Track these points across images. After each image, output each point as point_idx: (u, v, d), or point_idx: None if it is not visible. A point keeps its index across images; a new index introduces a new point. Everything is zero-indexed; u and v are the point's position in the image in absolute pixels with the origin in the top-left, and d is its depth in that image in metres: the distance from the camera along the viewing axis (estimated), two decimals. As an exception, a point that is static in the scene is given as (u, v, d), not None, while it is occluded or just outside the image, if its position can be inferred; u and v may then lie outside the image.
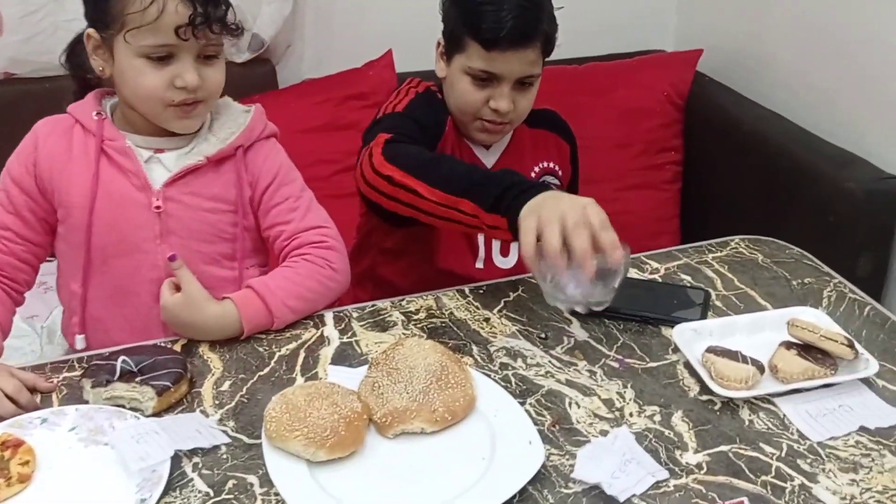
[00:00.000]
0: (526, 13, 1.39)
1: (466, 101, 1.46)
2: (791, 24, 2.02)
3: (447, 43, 1.48)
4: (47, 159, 1.27)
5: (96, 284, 1.31)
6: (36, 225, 1.30)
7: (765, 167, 1.95)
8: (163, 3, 1.17)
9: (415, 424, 1.06)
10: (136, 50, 1.20)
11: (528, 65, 1.43)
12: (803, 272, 1.41)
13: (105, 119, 1.28)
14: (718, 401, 1.12)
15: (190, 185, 1.29)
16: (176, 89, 1.22)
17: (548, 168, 1.61)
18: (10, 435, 1.04)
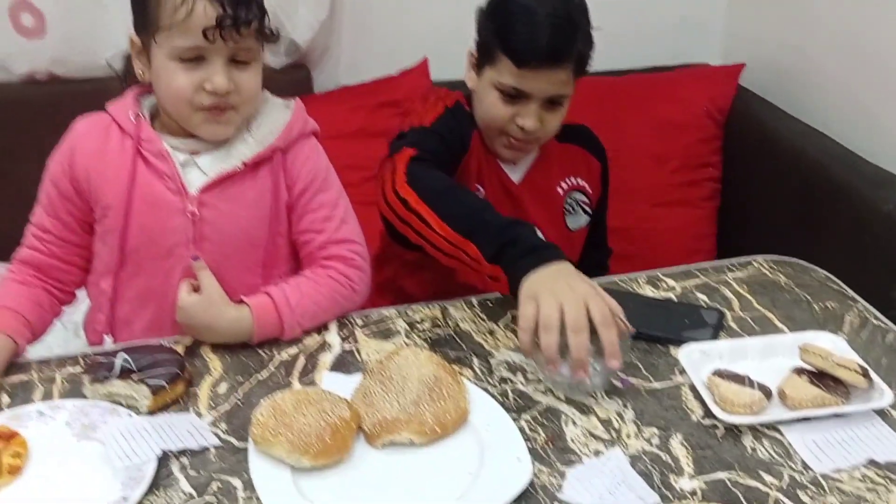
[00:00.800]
0: (560, 32, 1.36)
1: (493, 115, 1.43)
2: (836, 40, 1.95)
3: (479, 54, 1.46)
4: (84, 159, 1.28)
5: (126, 285, 1.31)
6: (75, 226, 1.31)
7: (802, 185, 1.88)
8: (192, 4, 1.17)
9: (403, 435, 1.05)
10: (168, 52, 1.20)
11: (558, 84, 1.40)
12: (826, 296, 1.35)
13: (142, 121, 1.28)
14: (721, 426, 1.09)
15: (226, 190, 1.28)
16: (205, 93, 1.21)
17: (576, 185, 1.58)
18: (5, 427, 1.05)
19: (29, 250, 1.31)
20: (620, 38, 2.36)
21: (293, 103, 1.35)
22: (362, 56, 2.21)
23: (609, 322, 1.07)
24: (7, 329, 1.22)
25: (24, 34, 1.94)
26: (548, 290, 1.09)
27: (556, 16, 1.36)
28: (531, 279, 1.12)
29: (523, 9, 1.37)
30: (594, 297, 1.09)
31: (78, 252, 1.33)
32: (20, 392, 1.15)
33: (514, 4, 1.39)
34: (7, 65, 1.98)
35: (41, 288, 1.31)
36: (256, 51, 1.24)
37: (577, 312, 1.06)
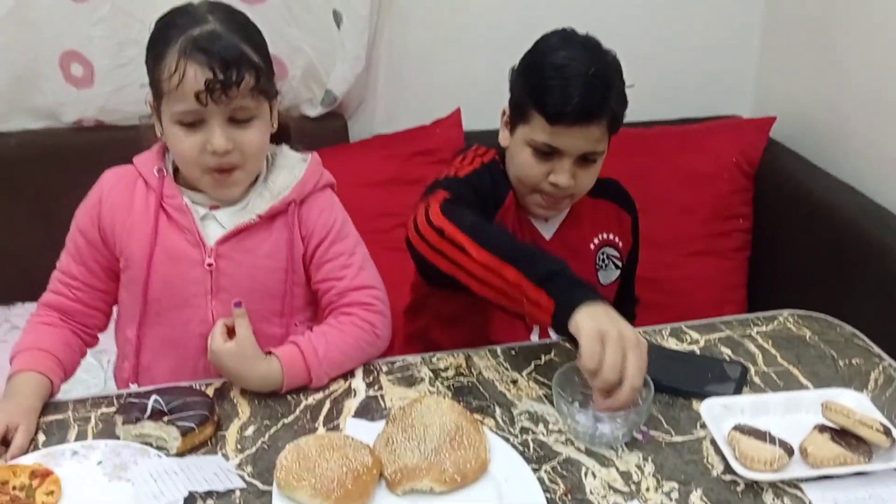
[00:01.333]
0: (593, 90, 1.36)
1: (526, 173, 1.44)
2: (867, 95, 1.96)
3: (512, 112, 1.47)
4: (110, 211, 1.33)
5: (149, 334, 1.35)
6: (101, 274, 1.36)
7: (833, 239, 1.88)
8: (183, 70, 1.19)
9: (424, 483, 1.06)
10: (170, 116, 1.24)
11: (592, 142, 1.40)
12: (852, 352, 1.35)
13: (165, 176, 1.32)
14: (742, 482, 1.09)
15: (242, 242, 1.32)
16: (208, 154, 1.24)
17: (607, 240, 1.58)
18: (40, 465, 1.09)
19: (55, 295, 1.36)
20: (652, 90, 2.38)
21: (310, 157, 1.38)
22: (397, 106, 2.27)
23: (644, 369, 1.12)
24: (44, 369, 1.26)
25: (74, 83, 2.02)
26: (614, 335, 1.10)
27: (589, 74, 1.36)
28: (587, 313, 1.13)
29: (556, 67, 1.38)
30: (645, 355, 1.12)
31: (102, 298, 1.37)
32: (56, 431, 1.19)
33: (547, 63, 1.40)
34: (58, 113, 2.07)
35: (69, 329, 1.35)
36: (256, 108, 1.26)
37: (639, 367, 1.10)
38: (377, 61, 2.21)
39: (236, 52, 1.22)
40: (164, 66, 1.21)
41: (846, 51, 2.03)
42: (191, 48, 1.20)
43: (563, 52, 1.40)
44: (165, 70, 1.21)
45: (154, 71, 1.24)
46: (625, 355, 1.10)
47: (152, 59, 1.25)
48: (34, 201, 2.07)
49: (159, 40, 1.24)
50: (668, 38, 2.33)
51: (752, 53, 2.39)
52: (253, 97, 1.24)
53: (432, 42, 2.23)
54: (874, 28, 1.93)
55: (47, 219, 2.04)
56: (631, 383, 1.10)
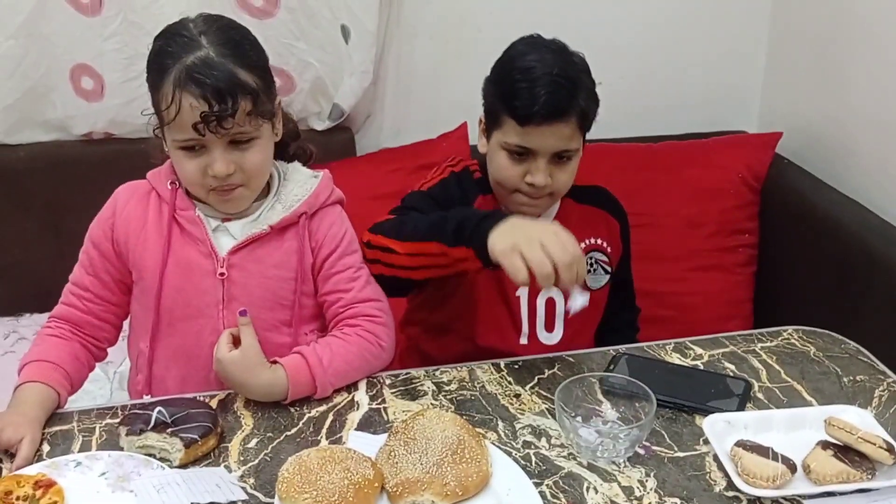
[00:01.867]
0: (560, 89, 1.40)
1: (504, 175, 1.47)
2: (873, 111, 1.96)
3: (486, 119, 1.52)
4: (124, 224, 1.35)
5: (162, 345, 1.36)
6: (113, 286, 1.37)
7: (839, 255, 1.87)
8: (178, 104, 1.21)
9: (425, 496, 1.06)
10: (171, 142, 1.27)
11: (563, 140, 1.43)
12: (856, 369, 1.35)
13: (178, 189, 1.34)
14: (744, 498, 1.08)
15: (254, 252, 1.34)
16: (209, 177, 1.27)
17: (595, 245, 1.60)
18: (44, 475, 1.10)
19: (67, 307, 1.37)
20: (659, 105, 2.40)
21: (321, 174, 1.41)
22: (404, 120, 2.28)
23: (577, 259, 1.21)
24: (52, 382, 1.27)
25: (84, 97, 2.04)
26: (523, 238, 1.21)
27: (555, 74, 1.40)
28: (494, 238, 1.24)
29: (523, 70, 1.42)
30: (561, 230, 1.23)
31: (114, 311, 1.39)
32: (60, 441, 1.20)
33: (515, 68, 1.44)
34: (68, 126, 2.08)
35: (78, 342, 1.36)
36: (255, 130, 1.27)
37: (560, 249, 1.20)
38: (385, 75, 2.22)
39: (230, 80, 1.22)
40: (160, 97, 1.23)
41: (852, 67, 2.03)
42: (185, 79, 1.21)
43: (530, 56, 1.44)
44: (163, 101, 1.23)
45: (154, 97, 1.27)
46: (543, 246, 1.19)
47: (150, 86, 1.27)
48: (43, 213, 2.08)
49: (154, 67, 1.26)
50: (675, 54, 2.34)
51: (758, 69, 2.39)
52: (250, 122, 1.25)
53: (439, 56, 2.24)
54: (879, 45, 1.93)
55: (56, 230, 2.06)
56: (559, 263, 1.19)
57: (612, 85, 2.29)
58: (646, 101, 2.35)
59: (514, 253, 1.20)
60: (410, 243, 1.33)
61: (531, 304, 1.54)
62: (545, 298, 1.54)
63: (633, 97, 2.34)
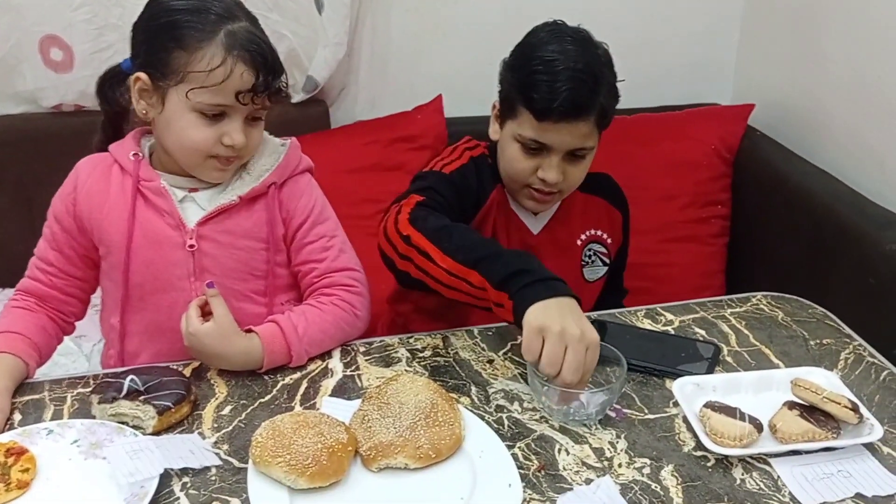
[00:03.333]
0: (581, 85, 1.34)
1: (515, 168, 1.43)
2: (845, 83, 1.98)
3: (501, 106, 1.45)
4: (86, 198, 1.33)
5: (133, 320, 1.36)
6: (78, 261, 1.36)
7: (810, 225, 1.90)
8: (230, 68, 1.21)
9: (399, 459, 1.07)
10: (190, 104, 1.24)
11: (580, 138, 1.38)
12: (823, 332, 1.37)
13: (142, 160, 1.32)
14: (713, 458, 1.10)
15: (223, 223, 1.33)
16: (223, 146, 1.26)
17: (595, 236, 1.58)
18: (15, 443, 1.09)
19: (32, 281, 1.36)
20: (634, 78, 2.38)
21: (288, 142, 1.39)
22: (378, 93, 2.28)
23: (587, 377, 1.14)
24: (18, 352, 1.26)
25: (53, 68, 2.02)
26: (556, 330, 1.11)
27: (577, 69, 1.34)
28: (537, 310, 1.13)
29: (545, 62, 1.36)
30: (594, 348, 1.13)
31: (79, 285, 1.37)
32: (32, 410, 1.19)
33: (536, 58, 1.38)
34: (37, 97, 2.06)
35: (44, 314, 1.35)
36: (269, 109, 1.30)
37: (578, 361, 1.11)
38: (359, 47, 2.21)
39: (274, 55, 1.26)
40: (202, 57, 1.21)
41: (825, 40, 2.04)
42: (237, 47, 1.21)
43: (552, 47, 1.38)
44: (205, 61, 1.21)
45: (175, 56, 1.22)
46: (565, 350, 1.10)
47: (175, 44, 1.22)
48: (14, 187, 2.06)
49: (187, 26, 1.22)
50: (650, 27, 2.34)
51: (733, 42, 2.41)
52: (273, 100, 1.28)
53: (414, 28, 2.24)
54: (853, 17, 1.95)
55: (27, 204, 2.04)
56: (563, 378, 1.11)
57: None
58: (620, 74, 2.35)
59: (538, 336, 1.12)
60: (453, 262, 1.22)
61: None
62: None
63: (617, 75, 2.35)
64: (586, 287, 1.59)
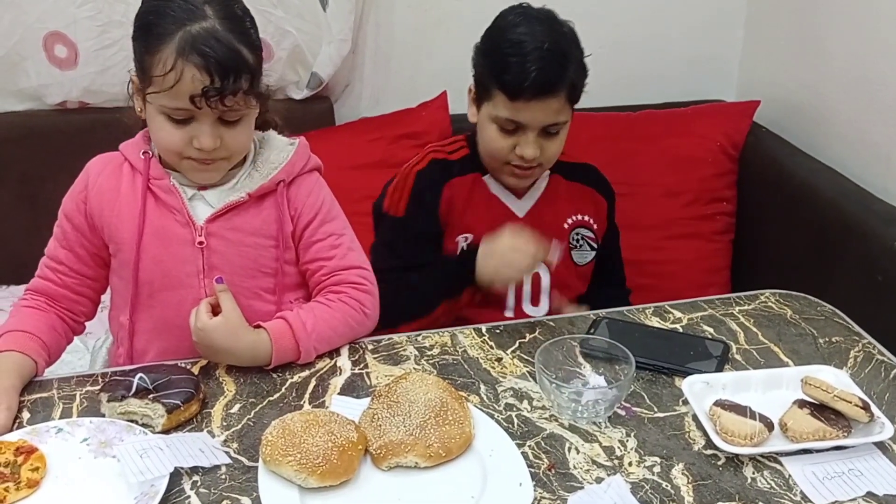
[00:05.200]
0: (550, 64, 1.40)
1: (494, 147, 1.49)
2: (850, 79, 1.98)
3: (476, 89, 1.52)
4: (97, 196, 1.32)
5: (143, 318, 1.35)
6: (88, 260, 1.35)
7: (815, 221, 1.90)
8: (180, 72, 1.18)
9: (409, 458, 1.07)
10: (157, 107, 1.24)
11: (552, 113, 1.44)
12: (832, 330, 1.37)
13: (151, 158, 1.32)
14: (723, 456, 1.10)
15: (232, 220, 1.32)
16: (192, 148, 1.25)
17: (581, 221, 1.61)
18: (25, 441, 1.09)
19: (42, 280, 1.35)
20: (638, 74, 2.41)
21: (297, 141, 1.39)
22: (383, 89, 2.27)
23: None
24: (27, 350, 1.26)
25: (58, 65, 2.01)
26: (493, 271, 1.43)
27: (545, 49, 1.41)
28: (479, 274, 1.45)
29: (513, 44, 1.43)
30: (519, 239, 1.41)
31: (90, 284, 1.37)
32: (41, 409, 1.19)
33: (505, 40, 1.45)
34: (41, 94, 2.05)
35: (55, 314, 1.35)
36: (245, 109, 1.26)
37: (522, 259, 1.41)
38: (363, 44, 2.20)
39: (234, 56, 1.21)
40: (157, 61, 1.20)
41: (830, 35, 2.04)
42: (189, 49, 1.19)
43: (520, 29, 1.44)
44: (159, 65, 1.20)
45: (144, 58, 1.22)
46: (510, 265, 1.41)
47: (143, 47, 1.23)
48: (18, 184, 2.06)
49: (153, 28, 1.21)
50: (654, 23, 2.34)
51: (737, 38, 2.40)
52: (245, 101, 1.24)
53: (419, 24, 2.23)
54: (858, 12, 1.94)
55: (31, 201, 2.04)
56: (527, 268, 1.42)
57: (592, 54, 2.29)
58: (625, 71, 2.35)
59: (497, 283, 1.44)
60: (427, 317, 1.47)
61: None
62: (531, 273, 1.55)
63: (613, 66, 2.33)
64: (576, 270, 1.63)
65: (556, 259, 1.48)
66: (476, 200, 1.56)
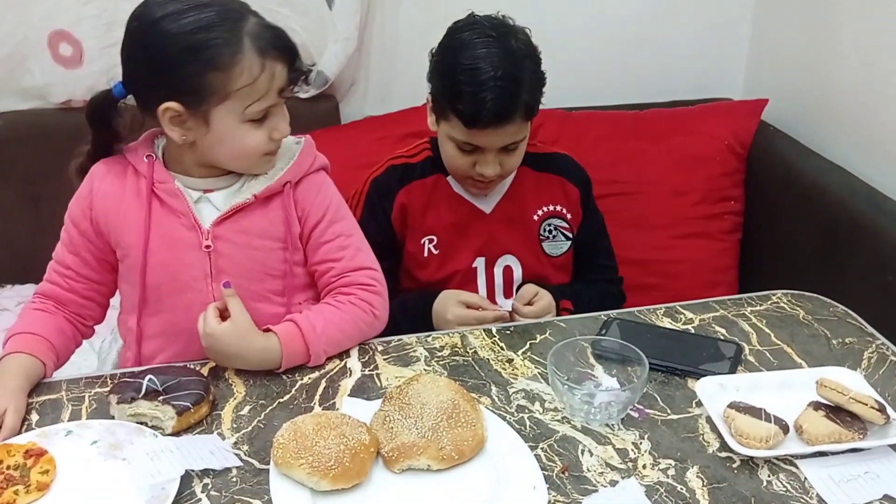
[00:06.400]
0: (504, 93, 1.38)
1: (454, 164, 1.50)
2: (859, 77, 1.97)
3: (434, 105, 1.50)
4: (102, 201, 1.31)
5: (150, 322, 1.34)
6: (95, 264, 1.34)
7: (825, 221, 1.88)
8: (271, 72, 1.21)
9: (421, 461, 1.06)
10: (239, 116, 1.23)
11: (510, 135, 1.44)
12: (845, 331, 1.36)
13: (155, 161, 1.30)
14: (738, 459, 1.09)
15: (239, 223, 1.31)
16: (272, 141, 1.27)
17: (553, 211, 1.60)
18: (34, 444, 1.09)
19: (50, 284, 1.34)
20: (645, 73, 2.39)
21: (303, 140, 1.38)
22: (388, 88, 2.26)
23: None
24: (35, 352, 1.25)
25: (63, 63, 2.00)
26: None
27: (499, 77, 1.38)
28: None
29: (467, 71, 1.40)
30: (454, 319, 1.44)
31: (97, 289, 1.36)
32: (49, 411, 1.18)
33: (458, 65, 1.42)
34: (45, 93, 2.04)
35: (63, 317, 1.34)
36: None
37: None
38: (369, 42, 2.19)
39: (293, 41, 1.26)
40: (241, 71, 1.19)
41: (838, 33, 2.03)
42: (266, 46, 1.21)
43: (473, 52, 1.41)
44: (245, 74, 1.20)
45: (213, 76, 1.19)
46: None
47: (207, 65, 1.18)
48: (22, 183, 2.04)
49: (215, 42, 1.18)
50: (661, 22, 2.33)
51: (745, 35, 2.39)
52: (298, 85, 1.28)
53: (424, 23, 2.21)
54: (867, 9, 1.93)
55: (35, 201, 2.03)
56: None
57: (599, 53, 2.30)
58: (632, 69, 2.34)
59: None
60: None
61: (489, 273, 1.58)
62: (502, 267, 1.58)
63: (620, 65, 2.34)
64: (549, 262, 1.62)
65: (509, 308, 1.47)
66: (438, 201, 1.56)
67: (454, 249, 1.56)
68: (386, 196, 1.57)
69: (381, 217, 1.56)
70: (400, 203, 1.56)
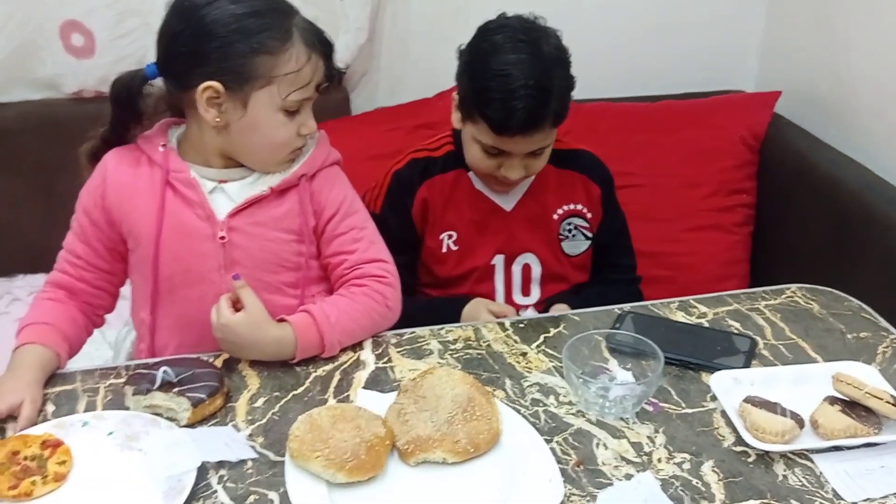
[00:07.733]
0: (534, 101, 1.36)
1: (478, 166, 1.49)
2: (872, 69, 1.95)
3: (461, 105, 1.48)
4: (115, 190, 1.31)
5: (163, 314, 1.34)
6: (106, 254, 1.34)
7: (837, 214, 1.87)
8: (315, 64, 1.25)
9: (437, 454, 1.06)
10: (278, 104, 1.24)
11: (537, 142, 1.42)
12: (860, 326, 1.35)
13: (170, 151, 1.30)
14: (753, 453, 1.09)
15: (254, 214, 1.31)
16: (299, 137, 1.28)
17: (574, 210, 1.58)
18: (51, 435, 1.09)
19: (60, 274, 1.34)
20: (657, 65, 2.38)
21: (318, 134, 1.38)
22: (399, 79, 2.25)
23: None
24: (49, 342, 1.25)
25: (74, 54, 2.00)
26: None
27: (530, 86, 1.35)
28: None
29: (499, 77, 1.37)
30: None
31: (108, 278, 1.36)
32: (65, 402, 1.19)
33: (490, 71, 1.39)
34: (57, 83, 2.04)
35: (74, 306, 1.34)
36: None
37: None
38: (380, 33, 2.18)
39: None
40: (289, 58, 1.22)
41: (851, 25, 2.02)
42: (313, 40, 1.25)
43: (505, 57, 1.39)
44: (293, 62, 1.22)
45: (262, 59, 1.21)
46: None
47: (259, 47, 1.21)
48: (34, 173, 2.05)
49: (269, 27, 1.21)
50: (673, 13, 2.31)
51: (757, 28, 2.37)
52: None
53: (436, 13, 2.21)
54: (879, 2, 1.92)
55: (47, 191, 2.03)
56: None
57: (611, 44, 2.29)
58: (644, 61, 2.33)
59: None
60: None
61: (507, 271, 1.57)
62: (521, 265, 1.56)
63: (632, 56, 2.32)
64: (568, 261, 1.61)
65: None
66: (459, 197, 1.55)
67: (473, 246, 1.55)
68: (407, 190, 1.55)
69: (402, 212, 1.54)
70: (421, 198, 1.54)
